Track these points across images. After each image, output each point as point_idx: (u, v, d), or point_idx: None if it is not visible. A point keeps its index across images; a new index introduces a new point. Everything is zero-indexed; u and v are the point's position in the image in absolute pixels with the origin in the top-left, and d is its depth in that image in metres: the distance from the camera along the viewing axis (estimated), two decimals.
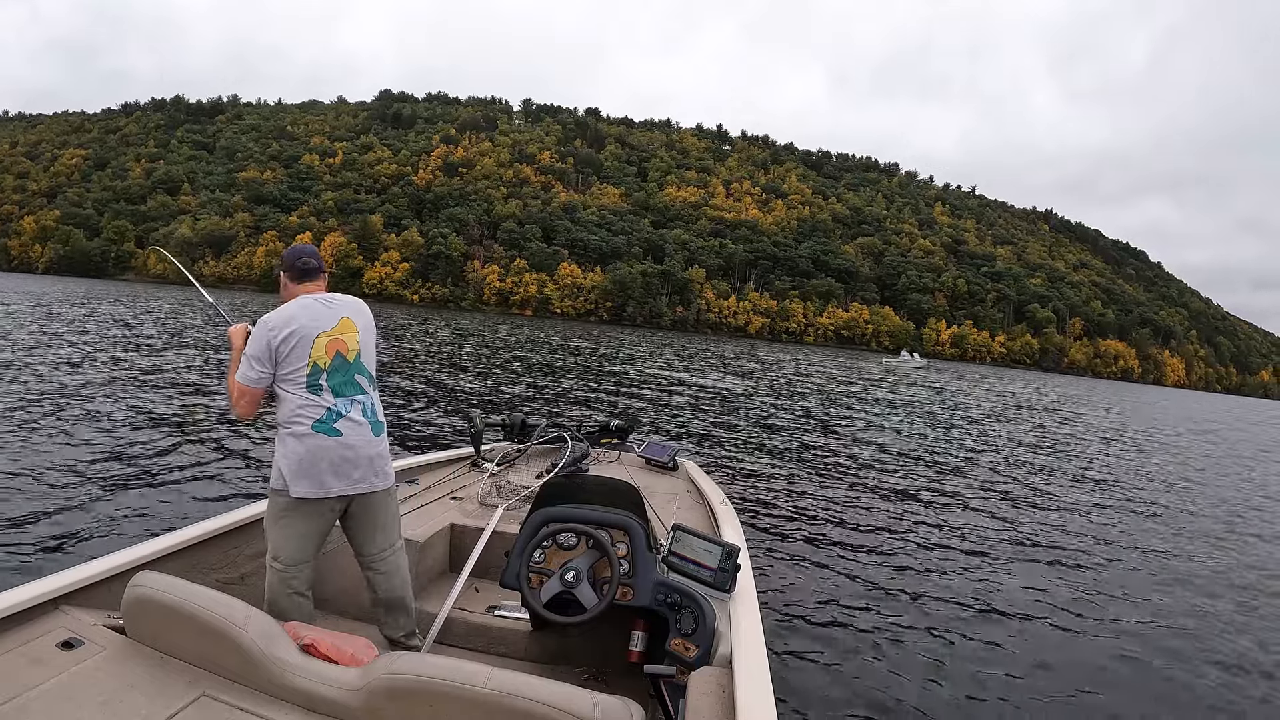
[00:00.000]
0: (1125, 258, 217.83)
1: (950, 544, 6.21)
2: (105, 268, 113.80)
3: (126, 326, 21.09)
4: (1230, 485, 11.88)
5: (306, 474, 2.22)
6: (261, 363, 2.26)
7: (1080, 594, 5.25)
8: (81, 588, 1.93)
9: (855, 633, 4.12)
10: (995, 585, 5.24)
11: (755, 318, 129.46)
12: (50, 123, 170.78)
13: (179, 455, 6.44)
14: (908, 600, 4.75)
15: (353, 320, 2.39)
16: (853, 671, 3.63)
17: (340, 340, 2.33)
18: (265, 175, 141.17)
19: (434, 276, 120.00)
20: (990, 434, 15.83)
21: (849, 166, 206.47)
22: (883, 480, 8.88)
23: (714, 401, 16.18)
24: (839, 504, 7.31)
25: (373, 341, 2.47)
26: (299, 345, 2.26)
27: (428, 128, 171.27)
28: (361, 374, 2.37)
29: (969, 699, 3.50)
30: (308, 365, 2.26)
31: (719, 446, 10.06)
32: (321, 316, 2.32)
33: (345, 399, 2.30)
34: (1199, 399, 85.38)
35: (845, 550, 5.70)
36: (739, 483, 7.77)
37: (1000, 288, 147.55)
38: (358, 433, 2.29)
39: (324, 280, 2.49)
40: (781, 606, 4.35)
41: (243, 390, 2.28)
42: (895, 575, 5.22)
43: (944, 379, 45.49)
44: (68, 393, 8.94)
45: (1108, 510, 8.53)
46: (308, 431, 2.22)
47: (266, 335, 2.26)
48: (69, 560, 3.50)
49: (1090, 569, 5.93)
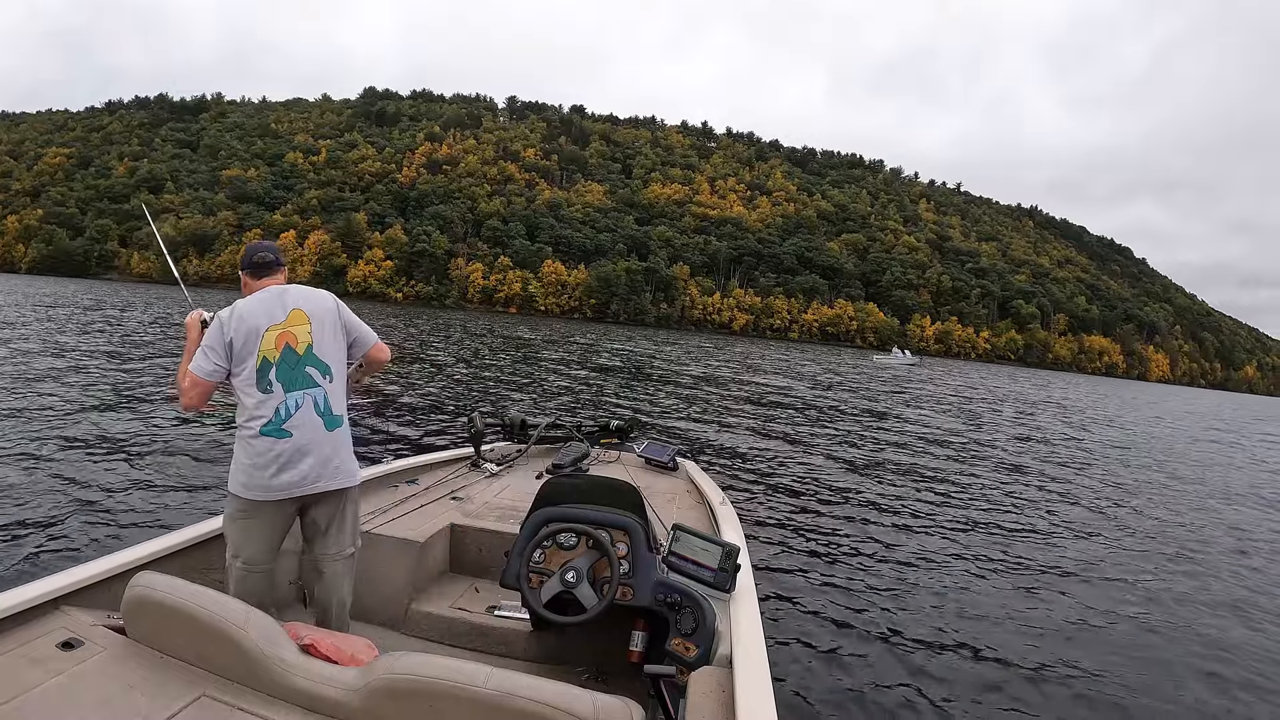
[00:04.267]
0: (1110, 254, 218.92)
1: (951, 543, 6.21)
2: (88, 267, 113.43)
3: (122, 326, 20.96)
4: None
5: (257, 477, 2.18)
6: (216, 355, 2.21)
7: (1081, 594, 5.25)
8: (81, 588, 1.93)
9: (856, 632, 4.10)
10: (996, 585, 5.23)
11: (740, 314, 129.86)
12: (34, 121, 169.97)
13: (179, 455, 6.38)
14: (908, 599, 4.72)
15: (305, 311, 2.30)
16: (853, 671, 3.61)
17: (290, 333, 2.26)
18: (249, 173, 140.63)
19: (418, 275, 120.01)
20: (988, 432, 15.83)
21: (834, 163, 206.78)
22: (883, 480, 8.86)
23: (713, 402, 16.06)
24: (839, 504, 7.28)
25: (334, 330, 2.37)
26: (249, 340, 2.21)
27: (412, 125, 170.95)
28: (314, 365, 2.28)
29: (969, 699, 3.49)
30: (256, 360, 2.20)
31: (719, 446, 10.02)
32: (274, 310, 2.27)
33: (297, 393, 2.23)
34: (1181, 393, 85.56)
35: (845, 550, 5.67)
36: (739, 483, 7.70)
37: (985, 284, 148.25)
38: (309, 430, 2.23)
39: (283, 274, 2.45)
40: (782, 606, 4.33)
41: (195, 380, 2.22)
42: (896, 574, 5.20)
43: (937, 376, 45.06)
44: (67, 392, 8.89)
45: (1120, 510, 8.55)
46: (256, 435, 2.19)
47: (221, 330, 2.22)
48: (69, 560, 3.50)
49: (1091, 568, 5.95)
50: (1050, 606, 4.90)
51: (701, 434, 11.02)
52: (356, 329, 2.46)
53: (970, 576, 5.37)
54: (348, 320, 2.43)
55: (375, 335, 2.54)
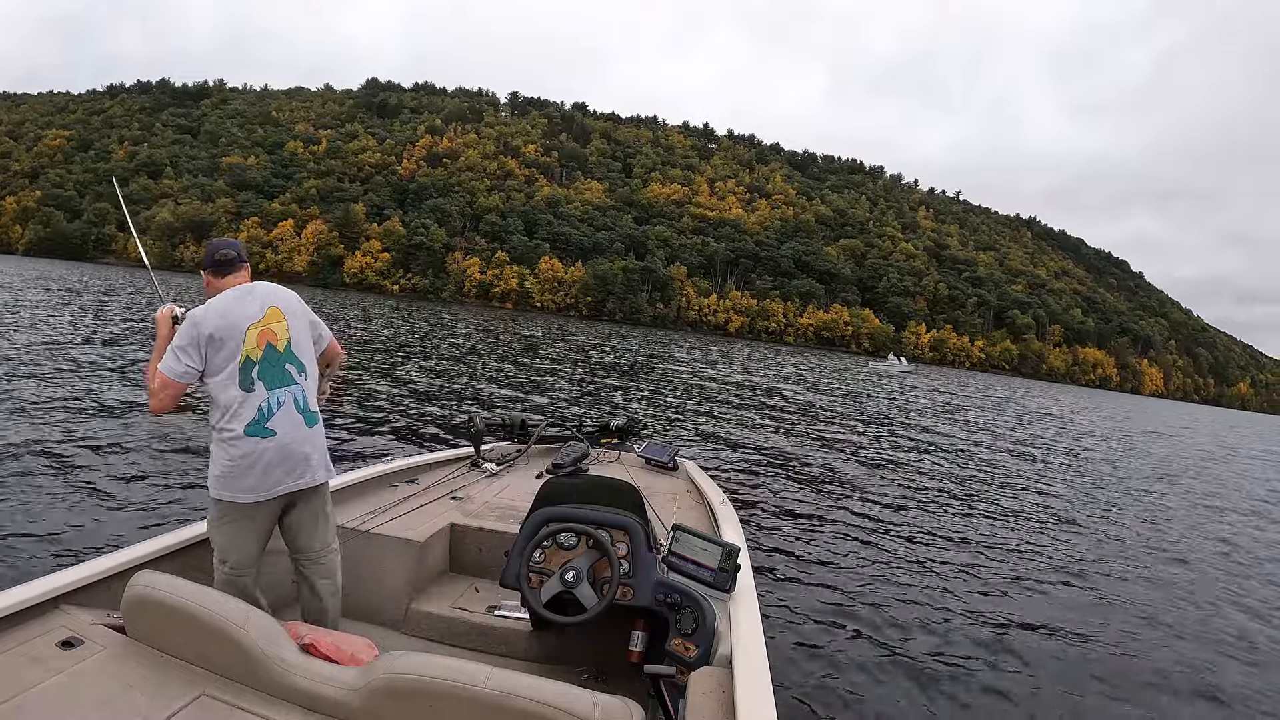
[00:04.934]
0: (1107, 267, 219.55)
1: (951, 544, 6.25)
2: (85, 250, 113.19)
3: (121, 315, 20.50)
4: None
5: (244, 479, 2.16)
6: (189, 356, 2.14)
7: (1082, 592, 5.31)
8: (81, 587, 1.93)
9: (856, 632, 4.11)
10: (996, 584, 5.27)
11: (735, 316, 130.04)
12: (35, 102, 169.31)
13: (179, 454, 6.34)
14: (908, 600, 4.74)
15: (280, 309, 2.31)
16: (853, 671, 3.62)
17: (270, 330, 2.25)
18: (249, 161, 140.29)
19: (415, 267, 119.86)
20: (985, 437, 15.94)
21: (834, 168, 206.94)
22: (882, 480, 8.89)
23: (711, 401, 16.11)
24: (839, 504, 7.31)
25: (305, 327, 2.39)
26: (228, 339, 2.17)
27: (414, 118, 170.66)
28: (292, 363, 2.29)
29: (970, 699, 3.51)
30: (240, 359, 2.17)
31: (719, 447, 10.04)
32: (249, 307, 2.25)
33: (278, 390, 2.23)
34: (1175, 408, 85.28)
35: (845, 550, 5.70)
36: (739, 483, 7.72)
37: (981, 293, 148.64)
38: (292, 428, 2.24)
39: (246, 271, 2.42)
40: (782, 606, 4.34)
41: (165, 382, 2.15)
42: (896, 575, 5.22)
43: (933, 383, 44.94)
44: (67, 392, 8.73)
45: (1119, 519, 8.60)
46: (240, 435, 2.15)
47: (195, 330, 2.15)
48: (69, 560, 3.51)
49: (1093, 566, 6.02)
50: (1051, 607, 4.92)
51: (701, 434, 11.04)
52: (319, 325, 2.49)
53: (970, 578, 5.39)
54: (312, 316, 2.45)
55: (330, 333, 2.59)
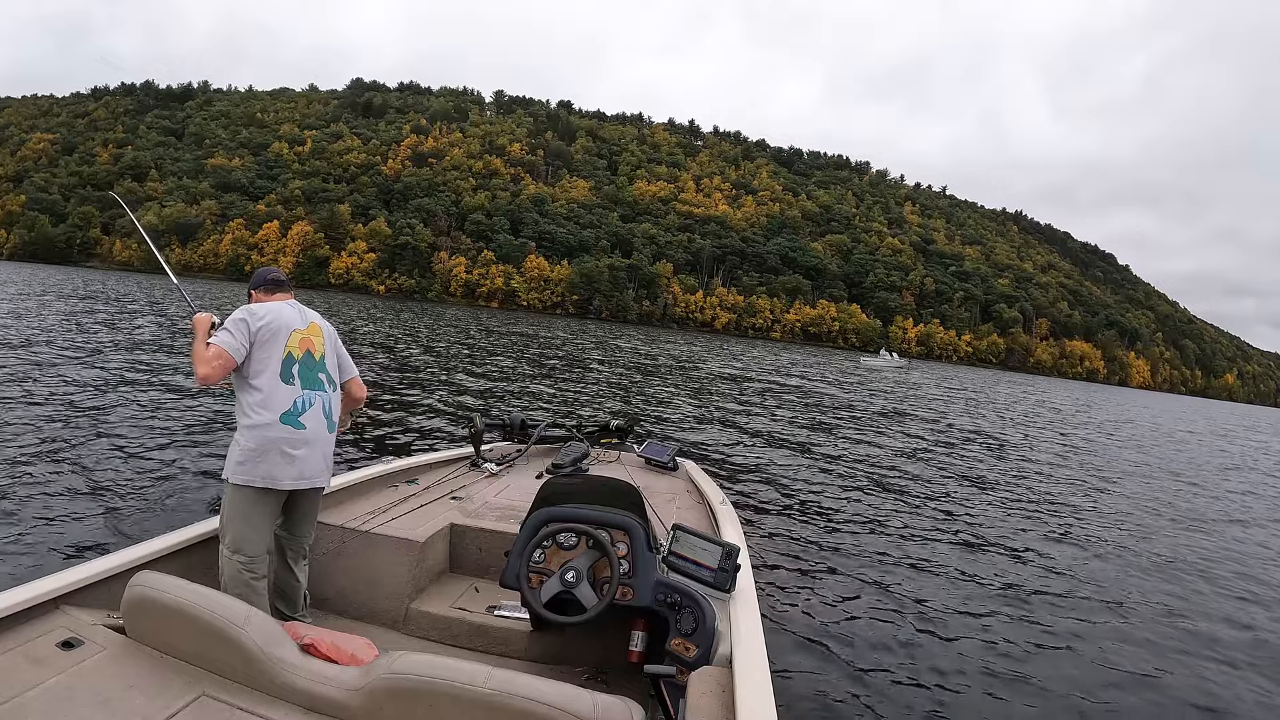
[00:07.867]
0: (1094, 260, 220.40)
1: (951, 544, 6.23)
2: (70, 254, 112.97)
3: (115, 320, 20.28)
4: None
5: (271, 464, 2.31)
6: (242, 335, 2.37)
7: (1083, 592, 5.28)
8: (81, 587, 1.94)
9: (856, 632, 4.11)
10: (997, 585, 5.23)
11: (722, 313, 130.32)
12: (18, 106, 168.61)
13: (179, 454, 6.31)
14: (908, 600, 4.73)
15: (320, 326, 2.62)
16: (853, 671, 3.62)
17: (310, 339, 2.53)
18: (233, 162, 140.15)
19: (401, 267, 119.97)
20: (984, 434, 15.95)
21: (820, 164, 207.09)
22: (882, 480, 8.89)
23: (712, 402, 16.03)
24: (839, 504, 7.29)
25: (333, 352, 2.66)
26: (277, 335, 2.43)
27: (399, 118, 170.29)
28: (324, 373, 2.54)
29: (970, 699, 3.51)
30: (283, 353, 2.42)
31: (719, 446, 10.00)
32: (295, 318, 2.53)
33: (311, 391, 2.45)
34: (1161, 399, 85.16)
35: (846, 550, 5.70)
36: (739, 483, 7.68)
37: (967, 287, 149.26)
38: (316, 428, 2.44)
39: (293, 293, 2.72)
40: (781, 606, 4.33)
41: (219, 352, 2.32)
42: (896, 574, 5.21)
43: (926, 379, 44.55)
44: (66, 391, 8.68)
45: (1125, 514, 8.63)
46: (273, 421, 2.33)
47: (248, 317, 2.41)
48: (69, 560, 3.53)
49: (1093, 565, 6.02)
50: (1055, 608, 4.91)
51: (701, 434, 11.01)
52: (346, 357, 2.77)
53: (970, 577, 5.37)
54: (341, 349, 2.74)
55: (356, 370, 2.85)
